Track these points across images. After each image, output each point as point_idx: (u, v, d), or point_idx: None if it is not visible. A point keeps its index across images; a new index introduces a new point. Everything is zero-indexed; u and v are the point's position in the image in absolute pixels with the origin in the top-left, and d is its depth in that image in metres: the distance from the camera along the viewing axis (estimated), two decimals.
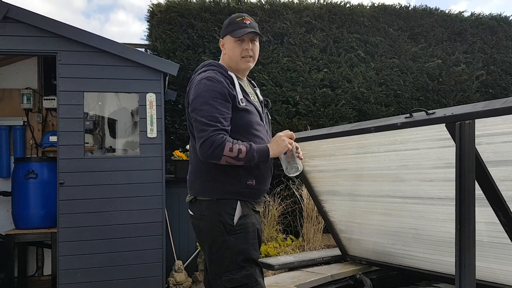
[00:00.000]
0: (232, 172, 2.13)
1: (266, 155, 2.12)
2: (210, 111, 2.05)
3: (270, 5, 6.15)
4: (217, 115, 2.05)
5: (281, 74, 5.96)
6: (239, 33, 2.21)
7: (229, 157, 2.03)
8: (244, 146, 2.06)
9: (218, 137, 2.02)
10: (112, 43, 4.39)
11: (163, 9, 5.93)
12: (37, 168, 4.88)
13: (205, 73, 2.18)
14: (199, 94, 2.10)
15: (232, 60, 2.26)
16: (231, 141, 2.04)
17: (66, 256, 4.23)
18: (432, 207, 2.82)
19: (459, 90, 6.52)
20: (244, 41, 2.24)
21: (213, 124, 2.03)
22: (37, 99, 5.36)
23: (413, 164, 2.74)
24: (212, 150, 2.01)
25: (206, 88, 2.09)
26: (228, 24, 2.28)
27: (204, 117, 2.04)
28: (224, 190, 2.13)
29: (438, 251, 2.98)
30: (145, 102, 4.48)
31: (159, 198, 4.49)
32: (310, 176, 3.60)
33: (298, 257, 3.88)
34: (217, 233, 2.11)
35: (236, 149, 2.03)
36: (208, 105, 2.06)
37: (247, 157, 2.06)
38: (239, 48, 2.24)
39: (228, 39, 2.26)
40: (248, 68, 2.30)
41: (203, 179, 2.17)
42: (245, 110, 2.16)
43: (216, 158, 2.04)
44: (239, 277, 2.09)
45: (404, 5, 6.72)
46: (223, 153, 2.02)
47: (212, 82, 2.11)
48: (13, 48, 4.22)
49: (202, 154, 2.06)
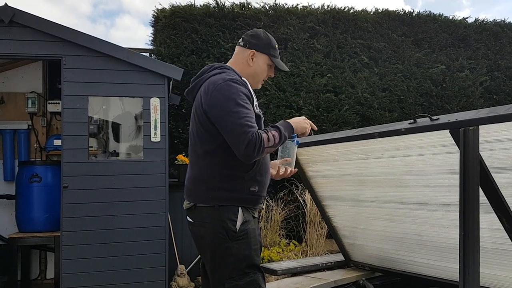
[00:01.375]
0: (237, 179, 2.12)
1: (291, 129, 2.21)
2: (245, 112, 2.04)
3: (274, 11, 6.17)
4: (250, 116, 2.06)
5: (285, 79, 5.97)
6: (282, 65, 2.34)
7: (270, 147, 2.07)
8: (275, 130, 2.12)
9: (255, 135, 2.01)
10: (117, 47, 4.42)
11: (167, 14, 5.96)
12: (41, 172, 4.90)
13: (224, 74, 2.14)
14: (228, 96, 2.05)
15: (255, 78, 2.29)
16: (265, 132, 2.07)
17: (69, 260, 4.23)
18: (436, 213, 2.81)
19: (463, 96, 6.51)
20: (271, 68, 2.34)
21: (251, 125, 2.03)
22: (42, 103, 5.38)
23: (417, 170, 2.74)
24: (257, 150, 2.01)
25: (234, 90, 2.07)
26: (271, 46, 2.31)
27: (242, 119, 2.02)
28: (227, 197, 2.12)
29: (441, 258, 2.97)
30: (149, 106, 4.49)
31: (162, 202, 4.49)
32: (313, 181, 3.60)
33: (301, 262, 3.88)
34: (219, 240, 2.10)
35: (271, 136, 2.07)
36: (242, 106, 2.04)
37: (281, 138, 2.13)
38: (266, 72, 2.33)
39: (265, 59, 2.29)
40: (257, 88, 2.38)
41: (206, 186, 2.14)
42: (258, 116, 2.18)
43: (260, 154, 2.05)
44: (243, 283, 2.08)
45: (408, 11, 6.70)
46: (265, 147, 2.03)
47: (238, 84, 2.10)
48: (19, 52, 4.25)
49: (248, 156, 2.02)
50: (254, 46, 2.27)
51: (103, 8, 25.25)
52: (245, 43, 2.28)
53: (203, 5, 6.05)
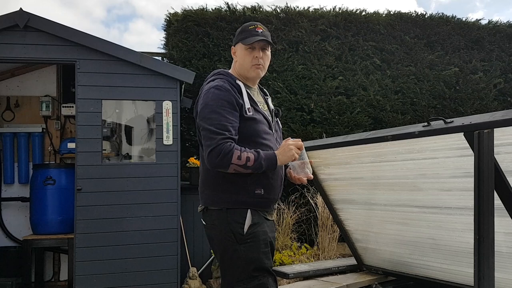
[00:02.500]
0: (239, 181, 2.12)
1: (274, 162, 2.10)
2: (219, 119, 2.05)
3: (285, 14, 6.17)
4: (225, 123, 2.05)
5: (296, 81, 5.96)
6: (250, 40, 2.21)
7: (238, 165, 2.02)
8: (252, 154, 2.05)
9: (226, 145, 2.01)
10: (130, 51, 4.46)
11: (179, 18, 6.00)
12: (55, 175, 4.95)
13: (213, 82, 2.19)
14: (207, 103, 2.10)
15: (242, 68, 2.26)
16: (239, 149, 2.03)
17: (83, 262, 4.27)
18: (450, 217, 2.78)
19: (477, 98, 6.45)
20: (255, 49, 2.23)
21: (221, 133, 2.02)
22: (56, 106, 5.45)
23: (431, 173, 2.71)
24: (220, 158, 2.01)
25: (214, 97, 2.10)
26: (240, 32, 2.28)
27: (212, 125, 2.04)
28: (232, 200, 2.12)
29: (456, 262, 2.93)
30: (162, 109, 4.52)
31: (174, 205, 4.51)
32: (325, 184, 3.59)
33: (313, 266, 3.87)
34: (227, 242, 2.11)
35: (244, 157, 2.01)
36: (216, 113, 2.06)
37: (255, 165, 2.04)
38: (249, 56, 2.23)
39: (239, 46, 2.26)
40: (258, 77, 2.30)
41: (211, 189, 2.17)
42: (252, 119, 2.16)
43: (224, 166, 2.03)
44: (251, 286, 2.08)
45: (421, 13, 6.66)
46: (231, 161, 2.01)
47: (220, 90, 2.11)
48: (34, 57, 4.31)
49: (210, 162, 2.05)
50: (233, 43, 2.33)
51: (116, 13, 25.55)
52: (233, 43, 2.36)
53: (215, 9, 6.08)
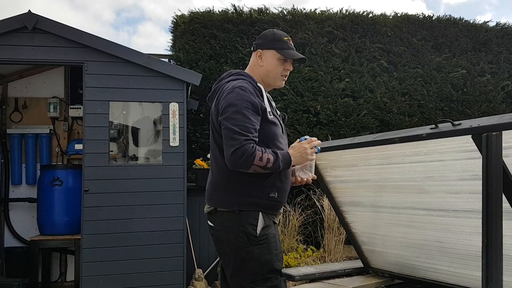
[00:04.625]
0: (255, 184, 2.13)
1: (289, 163, 2.14)
2: (243, 120, 2.05)
3: (292, 16, 6.17)
4: (248, 125, 2.05)
5: (302, 83, 5.96)
6: (292, 54, 2.25)
7: (258, 166, 2.03)
8: (272, 155, 2.07)
9: (249, 146, 2.02)
10: (137, 53, 4.47)
11: (186, 20, 6.02)
12: (62, 176, 4.97)
13: (236, 81, 2.17)
14: (231, 103, 2.08)
15: (269, 75, 2.28)
16: (260, 151, 2.04)
17: (89, 263, 4.28)
18: (458, 220, 2.77)
19: (484, 101, 6.41)
20: (287, 61, 2.27)
21: (245, 134, 2.03)
22: (63, 108, 5.48)
23: (438, 176, 2.70)
24: (244, 159, 2.01)
25: (239, 97, 2.09)
26: (275, 40, 2.27)
27: (237, 126, 2.04)
28: (246, 202, 2.12)
29: (463, 265, 2.92)
30: (168, 111, 4.53)
31: (180, 206, 4.52)
32: (331, 186, 3.58)
33: (319, 268, 3.86)
34: (240, 244, 2.10)
35: (265, 158, 2.03)
36: (241, 114, 2.06)
37: (274, 166, 2.07)
38: (281, 67, 2.27)
39: (272, 54, 2.26)
40: (281, 86, 2.34)
41: (225, 190, 2.16)
42: (273, 122, 2.18)
43: (246, 167, 2.04)
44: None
45: (428, 15, 6.62)
46: (254, 162, 2.02)
47: (245, 92, 2.11)
48: (42, 58, 4.34)
49: (233, 162, 2.04)
50: (259, 46, 2.29)
51: (126, 16, 25.71)
52: (253, 47, 2.33)
53: (222, 11, 6.10)
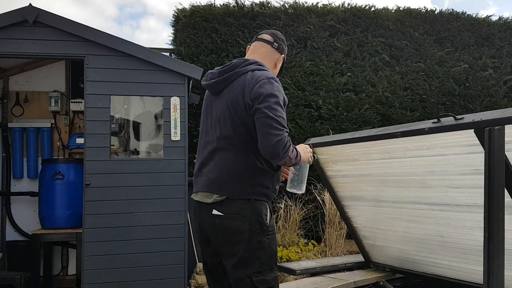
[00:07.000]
0: (267, 175, 2.18)
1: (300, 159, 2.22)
2: (282, 113, 2.10)
3: (293, 9, 6.15)
4: (285, 118, 2.11)
5: (304, 78, 5.94)
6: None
7: (290, 158, 2.09)
8: (295, 149, 2.16)
9: (287, 138, 2.07)
10: (138, 47, 4.46)
11: (187, 14, 6.00)
12: (64, 169, 4.98)
13: (266, 72, 2.19)
14: (272, 93, 2.09)
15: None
16: (292, 144, 2.11)
17: (91, 256, 4.29)
18: (459, 214, 2.76)
19: (486, 95, 6.39)
20: None
21: (285, 126, 2.09)
22: (65, 102, 5.47)
23: (440, 170, 2.69)
24: (284, 150, 2.04)
25: (278, 90, 2.13)
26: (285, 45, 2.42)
27: (279, 117, 2.06)
28: (260, 192, 2.16)
29: (464, 259, 2.92)
30: (170, 105, 4.52)
31: (181, 201, 4.52)
32: (333, 181, 3.57)
33: (320, 262, 3.86)
34: (253, 234, 2.12)
35: (295, 152, 2.13)
36: (281, 107, 2.11)
37: (297, 159, 2.16)
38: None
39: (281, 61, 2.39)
40: None
41: (242, 179, 2.14)
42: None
43: (281, 157, 2.07)
44: (270, 278, 2.13)
45: (430, 9, 6.61)
46: (288, 154, 2.07)
47: (280, 85, 2.17)
48: (43, 52, 4.33)
49: (274, 151, 2.03)
50: (284, 52, 2.37)
51: (128, 11, 25.72)
52: (279, 47, 2.34)
53: (223, 5, 6.08)
